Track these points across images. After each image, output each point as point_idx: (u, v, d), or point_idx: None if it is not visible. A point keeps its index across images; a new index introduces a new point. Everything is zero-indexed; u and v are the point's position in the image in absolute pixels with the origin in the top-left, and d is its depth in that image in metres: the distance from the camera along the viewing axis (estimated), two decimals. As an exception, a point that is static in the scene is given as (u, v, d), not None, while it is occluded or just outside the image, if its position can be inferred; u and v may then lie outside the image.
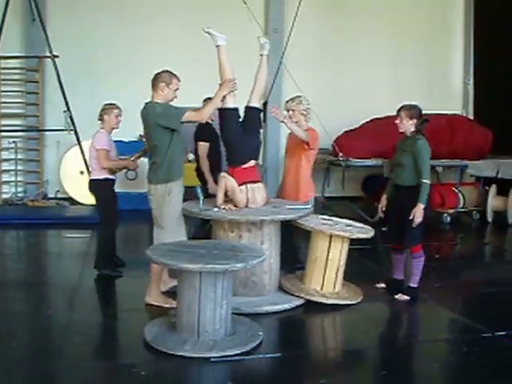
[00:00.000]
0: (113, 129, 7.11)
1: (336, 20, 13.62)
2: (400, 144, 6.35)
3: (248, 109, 6.35)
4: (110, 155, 7.01)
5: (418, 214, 5.98)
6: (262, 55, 6.51)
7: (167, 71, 5.93)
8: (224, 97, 6.06)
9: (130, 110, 7.54)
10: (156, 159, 5.88)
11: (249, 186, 6.18)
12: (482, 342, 5.22)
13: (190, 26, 12.00)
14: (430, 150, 6.12)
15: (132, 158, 7.18)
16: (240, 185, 6.12)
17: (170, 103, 5.95)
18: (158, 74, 5.92)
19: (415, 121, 6.17)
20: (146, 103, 5.93)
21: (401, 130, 6.25)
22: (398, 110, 6.25)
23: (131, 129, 7.93)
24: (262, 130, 7.32)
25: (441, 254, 9.09)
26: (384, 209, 6.50)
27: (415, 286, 6.26)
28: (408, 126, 6.18)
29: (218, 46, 6.13)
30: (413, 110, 6.21)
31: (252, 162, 6.29)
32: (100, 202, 7.14)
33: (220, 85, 6.09)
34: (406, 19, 13.99)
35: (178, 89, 5.95)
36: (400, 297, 6.22)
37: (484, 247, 9.78)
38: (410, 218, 5.98)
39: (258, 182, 6.30)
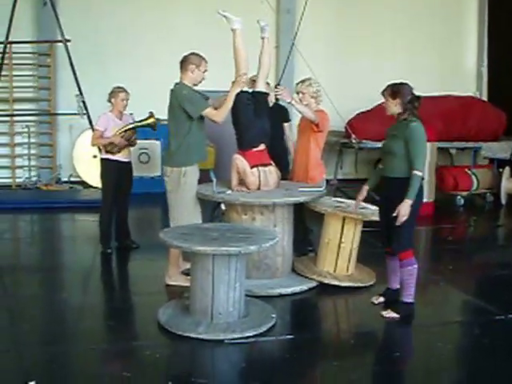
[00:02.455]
0: (120, 112, 7.18)
1: (349, 1, 13.54)
2: (390, 129, 5.47)
3: (255, 93, 6.33)
4: (104, 136, 7.18)
5: (402, 211, 5.03)
6: (263, 38, 6.40)
7: (196, 53, 5.94)
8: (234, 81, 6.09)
9: (141, 93, 7.56)
10: (174, 142, 5.90)
11: (260, 168, 6.18)
12: (495, 324, 5.22)
13: (203, 9, 12.00)
14: (426, 134, 5.29)
15: (118, 133, 7.13)
16: (252, 167, 6.13)
17: (199, 85, 5.99)
18: (187, 56, 5.93)
19: (399, 100, 5.24)
20: (176, 83, 5.96)
21: (387, 113, 5.41)
22: (383, 91, 5.40)
23: (142, 112, 7.89)
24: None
25: (454, 236, 9.09)
26: (361, 201, 5.74)
27: (409, 301, 5.31)
28: (392, 106, 5.30)
29: (233, 30, 6.10)
30: (395, 88, 5.28)
31: (262, 146, 6.28)
32: (100, 180, 7.36)
33: (232, 83, 6.10)
34: (421, 2, 13.89)
35: (206, 70, 5.97)
36: (388, 313, 5.29)
37: (497, 229, 9.75)
38: (394, 214, 5.07)
39: (270, 164, 6.30)
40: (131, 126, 7.20)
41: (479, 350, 4.73)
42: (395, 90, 5.27)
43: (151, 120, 7.30)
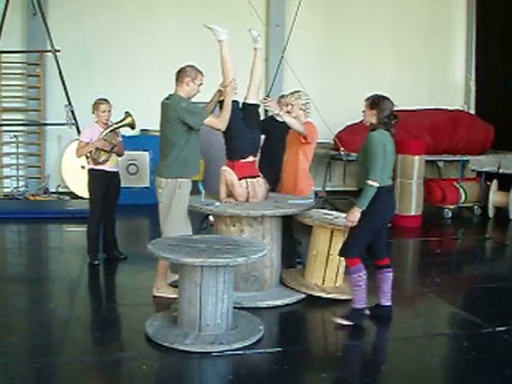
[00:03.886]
0: (104, 123, 7.21)
1: (338, 14, 13.62)
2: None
3: (246, 105, 6.35)
4: None
5: (349, 217, 5.23)
6: (255, 49, 6.41)
7: (192, 66, 5.96)
8: (224, 91, 6.10)
9: (131, 103, 7.55)
10: (170, 153, 5.88)
11: (248, 180, 6.19)
12: (482, 337, 5.22)
13: (191, 22, 12.04)
14: (387, 144, 5.19)
15: (101, 137, 7.13)
16: (240, 179, 6.14)
17: (193, 98, 6.02)
18: (183, 68, 5.95)
19: (375, 111, 5.26)
20: (170, 95, 5.96)
21: (364, 121, 5.46)
22: (366, 99, 5.43)
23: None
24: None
25: (442, 249, 9.11)
26: None
27: (358, 307, 5.40)
28: (368, 116, 5.32)
29: (220, 41, 6.13)
30: (376, 99, 5.33)
31: (251, 157, 6.29)
32: (88, 191, 7.34)
33: (221, 89, 6.14)
34: (408, 13, 14.01)
35: (201, 84, 5.98)
36: (338, 320, 5.40)
37: (485, 242, 9.78)
38: (346, 223, 5.36)
39: (258, 176, 6.31)
40: (111, 128, 7.20)
41: (466, 363, 4.74)
42: (375, 102, 5.31)
43: (129, 119, 7.30)
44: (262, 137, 7.52)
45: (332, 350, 5.15)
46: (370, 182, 5.10)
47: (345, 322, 5.36)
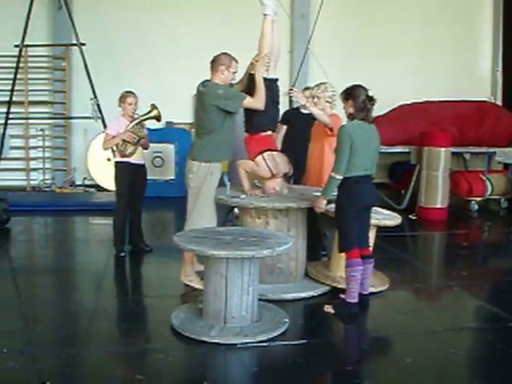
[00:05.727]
0: (130, 116, 7.22)
1: (363, 5, 13.53)
2: None
3: (272, 80, 6.30)
4: None
5: (314, 203, 5.62)
6: (265, 15, 6.11)
7: (226, 53, 5.94)
8: (254, 64, 6.08)
9: (156, 96, 7.55)
10: (205, 138, 5.91)
11: (265, 154, 6.16)
12: (508, 330, 5.18)
13: (215, 14, 12.05)
14: (356, 136, 5.28)
15: (127, 129, 7.15)
16: (256, 156, 6.13)
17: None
18: (218, 56, 5.93)
19: (351, 102, 5.36)
20: (206, 81, 5.96)
21: (346, 115, 5.55)
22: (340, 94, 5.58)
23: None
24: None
25: (468, 242, 9.05)
26: None
27: (349, 301, 5.46)
28: (347, 108, 5.43)
29: (265, 15, 6.09)
30: (348, 90, 5.45)
31: (269, 132, 6.28)
32: (114, 183, 7.36)
33: (254, 62, 6.10)
34: (434, 4, 13.87)
35: (236, 71, 5.97)
36: (327, 308, 5.52)
37: (511, 235, 9.69)
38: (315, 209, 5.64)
39: (276, 151, 6.30)
40: (136, 120, 7.22)
41: (492, 356, 4.70)
42: (348, 93, 5.42)
43: (155, 112, 7.32)
44: (284, 127, 7.55)
45: (357, 343, 5.14)
46: (332, 174, 5.31)
47: (331, 311, 5.47)
